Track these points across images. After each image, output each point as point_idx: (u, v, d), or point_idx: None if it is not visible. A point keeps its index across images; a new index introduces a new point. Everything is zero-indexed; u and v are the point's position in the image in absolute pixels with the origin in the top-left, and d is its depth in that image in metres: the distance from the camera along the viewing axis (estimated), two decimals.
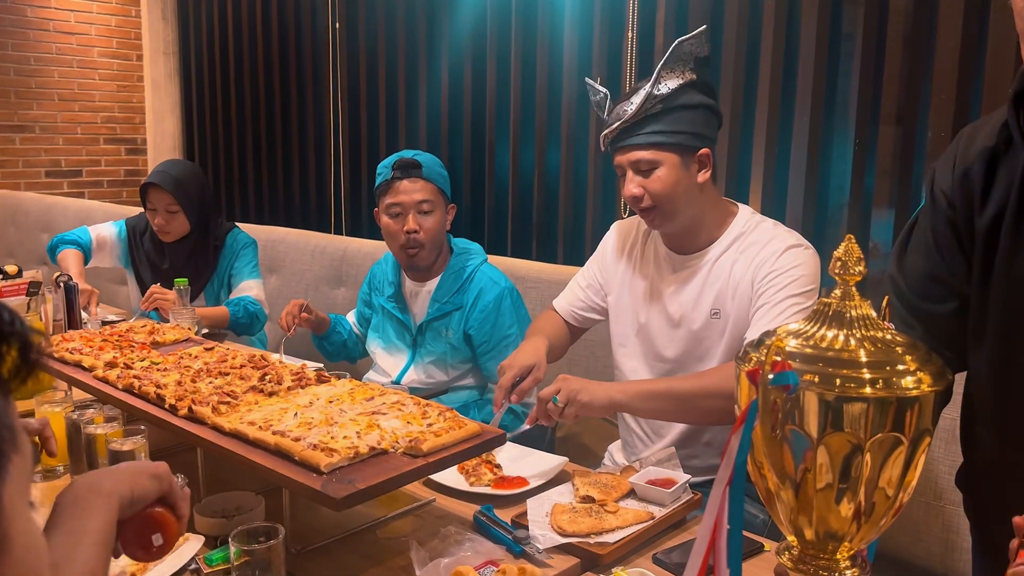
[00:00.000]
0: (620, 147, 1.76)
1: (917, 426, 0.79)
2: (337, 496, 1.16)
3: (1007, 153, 1.19)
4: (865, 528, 0.83)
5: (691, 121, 1.71)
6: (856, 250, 0.84)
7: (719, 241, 1.81)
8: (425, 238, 2.30)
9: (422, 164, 2.28)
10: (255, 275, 3.00)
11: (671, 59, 1.68)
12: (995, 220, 1.19)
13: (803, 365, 0.79)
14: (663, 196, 1.74)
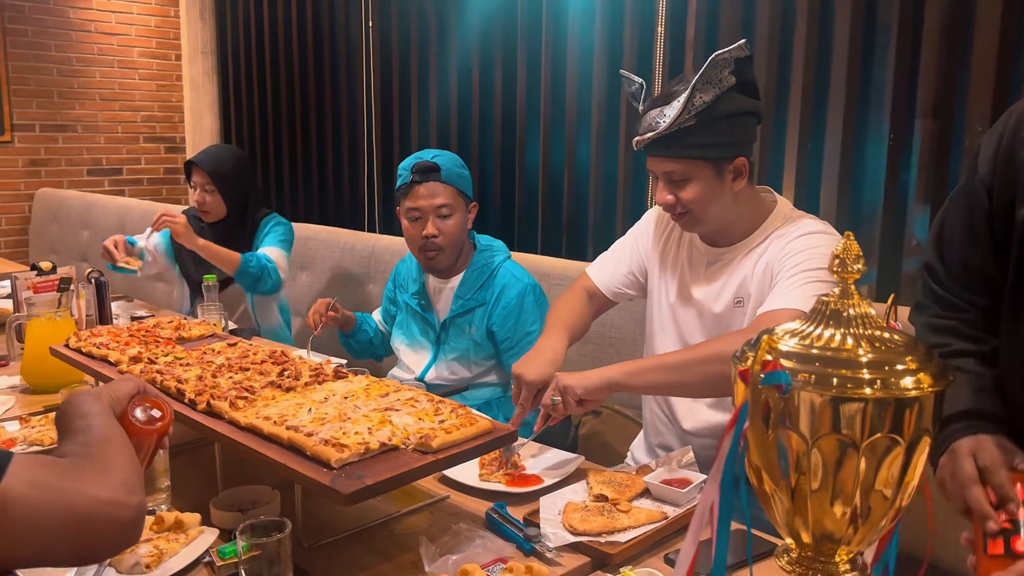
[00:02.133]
0: (654, 155, 1.72)
1: (916, 427, 0.76)
2: (345, 492, 1.16)
3: None
4: (863, 531, 0.80)
5: (727, 131, 1.66)
6: (855, 248, 0.82)
7: (753, 236, 1.78)
8: (444, 242, 2.30)
9: (440, 167, 2.27)
10: (279, 245, 3.02)
11: (707, 72, 1.60)
12: None
13: (799, 365, 0.77)
14: (695, 205, 1.72)
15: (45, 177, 5.43)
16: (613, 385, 1.65)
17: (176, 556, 1.31)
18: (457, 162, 2.35)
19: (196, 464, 1.68)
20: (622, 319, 2.43)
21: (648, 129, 1.68)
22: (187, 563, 1.29)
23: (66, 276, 2.58)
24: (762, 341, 0.78)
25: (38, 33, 5.24)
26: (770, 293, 1.67)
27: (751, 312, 1.73)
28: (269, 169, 5.13)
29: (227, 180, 2.98)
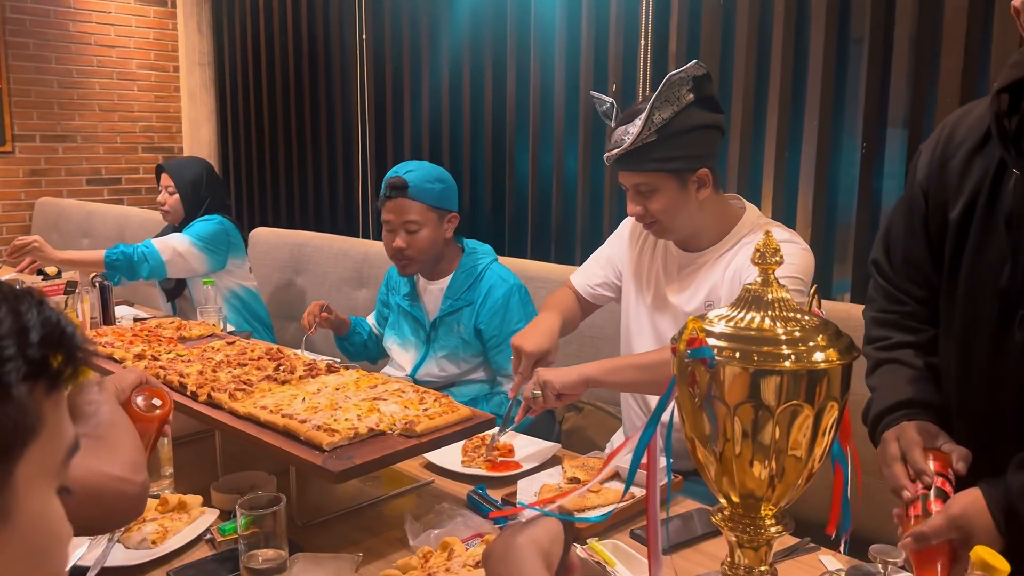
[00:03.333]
0: (620, 170, 1.84)
1: (826, 395, 0.87)
2: (335, 470, 1.27)
3: (987, 144, 1.25)
4: (780, 489, 0.91)
5: (687, 145, 1.77)
6: (773, 243, 0.93)
7: (723, 242, 1.89)
8: (412, 253, 2.41)
9: (408, 184, 2.36)
10: (187, 234, 3.19)
11: (664, 91, 1.71)
12: (967, 211, 1.25)
13: (727, 343, 0.88)
14: (662, 215, 1.83)
15: (45, 187, 5.53)
16: (590, 381, 1.77)
17: (179, 534, 1.41)
18: (430, 177, 2.42)
19: (197, 454, 1.78)
20: (604, 320, 2.54)
21: (615, 146, 1.80)
22: (189, 539, 1.40)
23: (72, 280, 2.69)
24: (689, 322, 0.89)
25: (39, 46, 5.35)
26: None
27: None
28: (266, 178, 5.22)
29: (185, 184, 3.28)
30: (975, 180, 1.25)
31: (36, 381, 0.53)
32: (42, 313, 0.55)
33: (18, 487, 0.53)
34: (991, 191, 1.22)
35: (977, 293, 1.24)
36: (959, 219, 1.26)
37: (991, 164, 1.23)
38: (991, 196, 1.22)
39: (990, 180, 1.22)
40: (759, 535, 0.95)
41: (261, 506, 1.24)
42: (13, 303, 0.54)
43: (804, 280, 1.78)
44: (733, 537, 0.96)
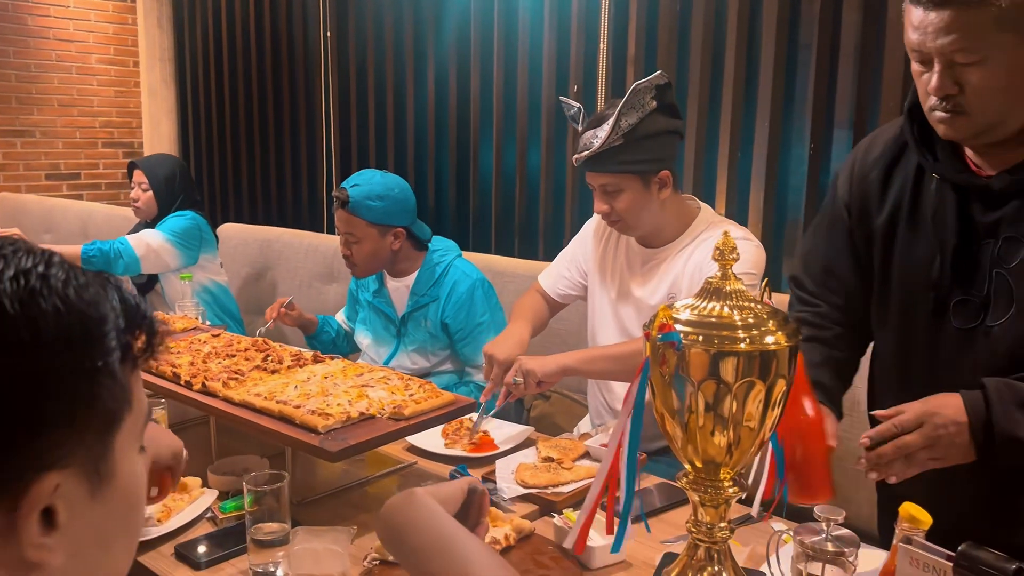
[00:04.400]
0: (588, 171, 1.98)
1: (776, 373, 1.01)
2: (333, 450, 1.38)
3: (902, 159, 1.41)
4: (736, 455, 1.06)
5: (651, 149, 1.93)
6: (731, 242, 1.08)
7: (681, 238, 2.05)
8: (356, 261, 2.52)
9: (349, 200, 2.44)
10: (160, 230, 3.26)
11: (631, 99, 1.87)
12: (892, 217, 1.41)
13: (692, 328, 1.02)
14: (627, 213, 1.98)
15: (4, 182, 5.49)
16: (567, 370, 1.93)
17: (182, 512, 1.51)
18: (372, 194, 2.46)
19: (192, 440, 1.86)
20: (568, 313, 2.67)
21: (584, 148, 1.94)
22: (192, 518, 1.50)
23: None
24: (660, 310, 1.02)
25: None
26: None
27: None
28: (228, 174, 5.24)
29: (159, 181, 3.34)
30: (896, 190, 1.40)
31: (126, 362, 0.61)
32: (124, 297, 0.62)
33: (116, 452, 0.61)
34: (913, 196, 1.37)
35: (910, 288, 1.39)
36: (885, 225, 1.41)
37: (908, 174, 1.38)
38: (913, 201, 1.37)
39: (910, 187, 1.37)
40: (719, 495, 1.09)
41: (266, 483, 1.34)
42: (110, 296, 0.61)
43: (756, 274, 1.94)
44: (696, 497, 1.10)
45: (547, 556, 1.36)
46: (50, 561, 0.56)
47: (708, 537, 1.11)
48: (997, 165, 1.28)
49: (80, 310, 0.58)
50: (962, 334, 1.31)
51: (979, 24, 1.15)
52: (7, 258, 0.57)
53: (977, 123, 1.23)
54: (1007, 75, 1.18)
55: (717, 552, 1.12)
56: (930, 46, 1.20)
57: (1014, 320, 1.26)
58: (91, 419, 0.58)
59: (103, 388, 0.59)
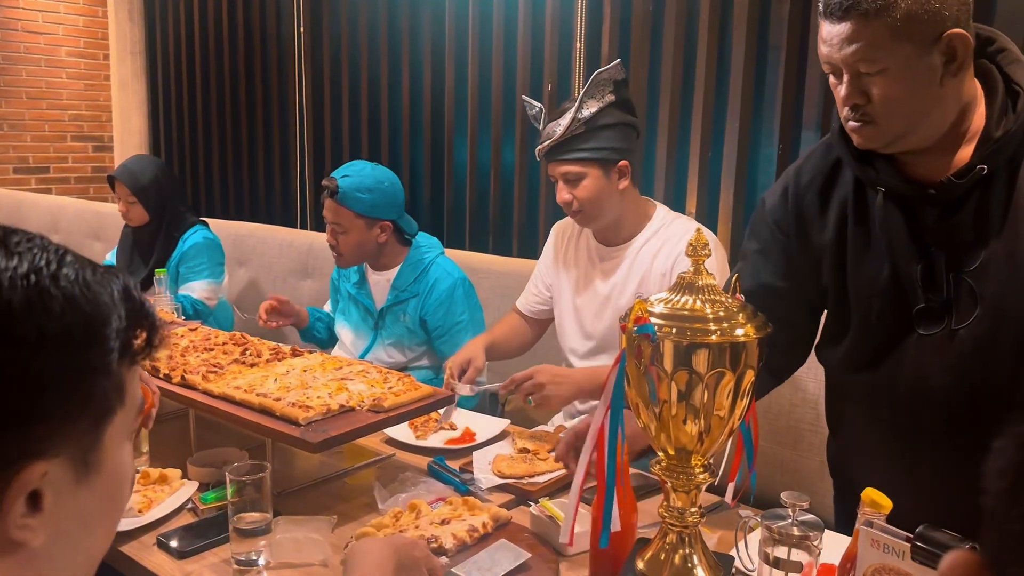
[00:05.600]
0: (551, 160, 2.04)
1: (744, 364, 1.06)
2: (314, 441, 1.41)
3: (836, 178, 1.44)
4: (707, 443, 1.10)
5: (610, 138, 2.00)
6: (703, 239, 1.12)
7: (640, 235, 2.12)
8: (342, 251, 2.54)
9: (339, 189, 2.46)
10: (203, 276, 3.20)
11: (591, 88, 1.96)
12: (839, 236, 1.43)
13: (666, 321, 1.06)
14: (589, 202, 2.03)
15: None
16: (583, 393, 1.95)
17: (163, 503, 1.53)
18: (362, 186, 2.48)
19: (170, 433, 1.89)
20: None
21: (547, 138, 2.02)
22: (173, 508, 1.52)
23: None
24: (636, 304, 1.06)
25: None
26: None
27: None
28: (199, 169, 5.22)
29: (146, 191, 3.20)
30: (836, 209, 1.43)
31: (124, 359, 0.64)
32: (128, 295, 0.65)
33: (106, 444, 0.64)
34: (857, 213, 1.41)
35: (869, 301, 1.42)
36: (833, 244, 1.43)
37: (847, 192, 1.42)
38: (859, 217, 1.41)
39: (852, 204, 1.41)
40: (690, 481, 1.14)
41: (248, 473, 1.37)
42: (112, 292, 0.64)
43: (718, 272, 2.00)
44: (669, 483, 1.14)
45: (524, 543, 1.40)
46: (31, 541, 0.59)
47: (680, 522, 1.15)
48: (939, 171, 1.32)
49: (85, 312, 0.60)
50: (928, 340, 1.35)
51: (877, 35, 1.21)
52: (22, 254, 0.59)
53: (886, 132, 1.29)
54: (908, 84, 1.24)
55: (688, 536, 1.16)
56: (836, 57, 1.26)
57: (980, 321, 1.29)
58: (84, 413, 0.61)
59: (98, 385, 0.62)
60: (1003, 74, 1.33)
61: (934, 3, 1.20)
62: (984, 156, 1.27)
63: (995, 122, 1.29)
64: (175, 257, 3.20)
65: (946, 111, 1.29)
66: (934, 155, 1.32)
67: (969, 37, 1.24)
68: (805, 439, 2.15)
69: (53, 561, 0.61)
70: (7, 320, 0.56)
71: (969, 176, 1.27)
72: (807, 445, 2.15)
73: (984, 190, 1.29)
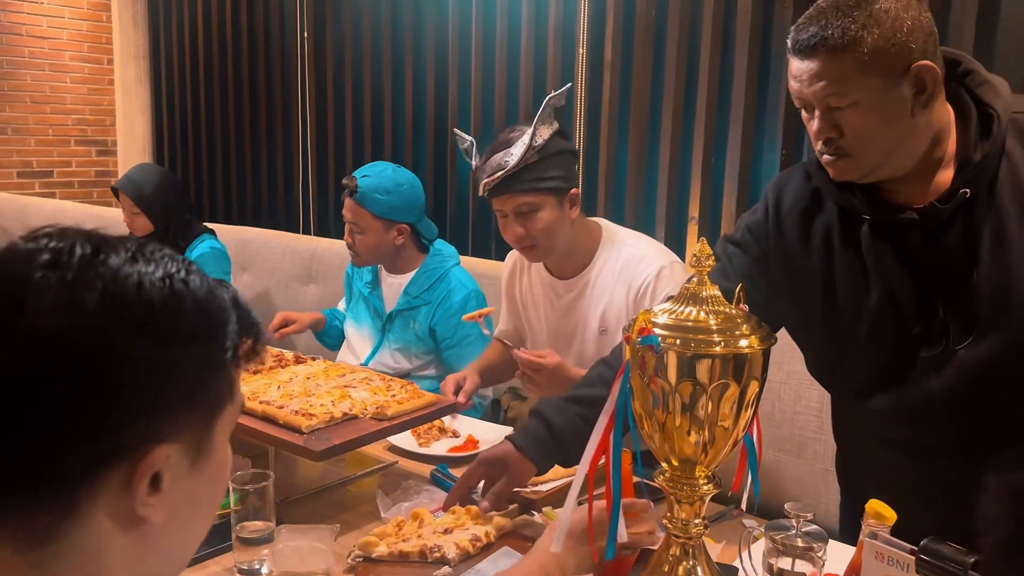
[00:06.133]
0: (504, 193, 1.95)
1: (748, 375, 1.06)
2: (317, 449, 1.41)
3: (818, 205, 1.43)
4: (711, 454, 1.10)
5: (560, 166, 1.96)
6: (707, 249, 1.12)
7: (593, 263, 2.07)
8: (359, 251, 2.52)
9: (358, 188, 2.45)
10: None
11: (544, 114, 1.91)
12: (826, 267, 1.42)
13: (669, 332, 1.06)
14: (544, 234, 1.97)
15: None
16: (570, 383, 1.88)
17: None
18: (381, 187, 2.47)
19: None
20: None
21: (497, 169, 1.93)
22: None
23: None
24: (640, 314, 1.06)
25: None
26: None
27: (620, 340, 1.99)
28: (203, 173, 5.22)
29: (150, 201, 3.18)
30: (820, 237, 1.43)
31: (234, 359, 0.72)
32: (238, 305, 0.73)
33: (216, 435, 0.71)
34: (844, 241, 1.40)
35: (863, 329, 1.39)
36: (821, 268, 1.42)
37: (831, 220, 1.42)
38: (845, 245, 1.40)
39: (838, 233, 1.41)
40: (694, 492, 1.13)
41: (251, 482, 1.37)
42: (227, 298, 0.71)
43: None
44: (673, 495, 1.14)
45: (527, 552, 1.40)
46: (152, 518, 0.66)
47: (683, 533, 1.15)
48: (919, 196, 1.32)
49: (210, 312, 0.69)
50: (929, 361, 1.34)
51: (845, 70, 1.22)
52: (156, 261, 0.67)
53: (861, 164, 1.29)
54: (879, 117, 1.25)
55: (692, 548, 1.16)
56: (807, 92, 1.26)
57: (979, 341, 1.29)
58: (204, 404, 0.69)
59: (217, 379, 0.70)
60: (972, 96, 1.34)
61: (900, 36, 1.21)
62: (967, 180, 1.28)
63: (973, 146, 1.30)
64: None
65: (919, 140, 1.30)
66: (912, 182, 1.33)
67: (937, 69, 1.25)
68: (809, 446, 2.15)
69: (167, 537, 0.69)
70: (150, 316, 0.64)
71: (953, 200, 1.28)
72: (811, 453, 2.14)
73: (967, 213, 1.30)
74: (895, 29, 1.21)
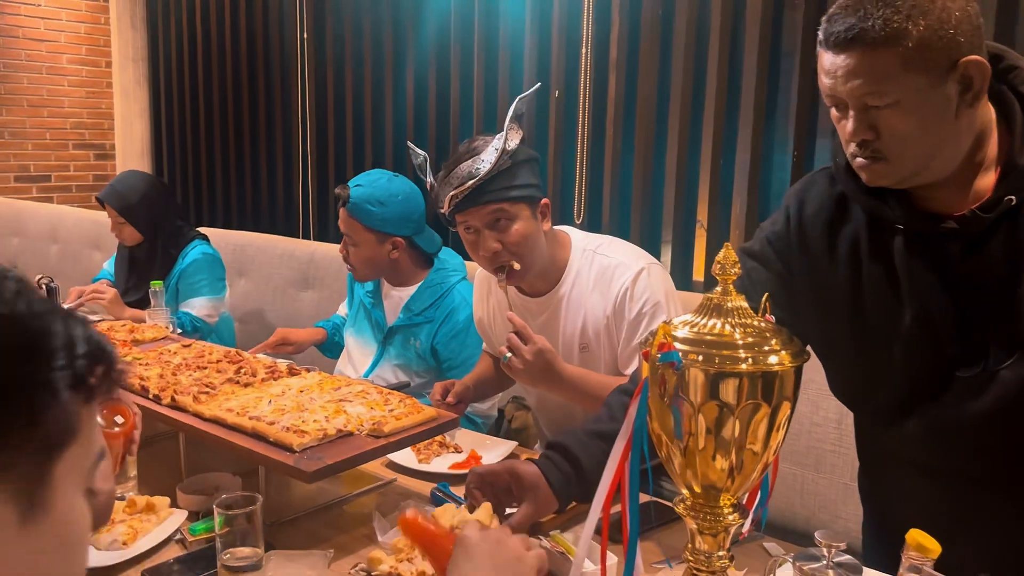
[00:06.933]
0: (475, 205, 1.79)
1: (780, 395, 0.96)
2: (308, 470, 1.32)
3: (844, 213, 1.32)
4: (739, 481, 1.00)
5: (531, 174, 1.83)
6: (732, 256, 1.02)
7: (565, 277, 1.93)
8: (354, 263, 2.42)
9: (351, 198, 2.33)
10: (201, 293, 3.09)
11: (515, 116, 1.76)
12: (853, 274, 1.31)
13: (690, 347, 0.97)
14: (521, 247, 1.81)
15: None
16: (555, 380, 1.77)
17: (149, 535, 1.43)
18: (374, 198, 2.34)
19: (160, 456, 1.79)
20: None
21: (467, 178, 1.76)
22: (160, 540, 1.43)
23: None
24: (659, 328, 0.97)
25: None
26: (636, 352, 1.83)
27: (604, 356, 1.90)
28: (202, 177, 5.16)
29: (135, 210, 3.07)
30: (847, 247, 1.32)
31: (78, 391, 0.59)
32: (87, 332, 0.61)
33: (56, 483, 0.58)
34: (873, 252, 1.29)
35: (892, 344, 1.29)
36: (848, 282, 1.32)
37: (859, 229, 1.30)
38: (875, 256, 1.28)
39: (867, 243, 1.29)
40: (718, 523, 1.04)
41: (238, 506, 1.28)
42: (66, 321, 0.60)
43: (672, 294, 1.87)
44: (695, 524, 1.05)
45: None
46: None
47: (707, 566, 1.05)
48: (957, 203, 1.22)
49: (26, 323, 0.58)
50: (965, 383, 1.24)
51: (886, 66, 1.11)
52: None
53: (898, 169, 1.18)
54: (921, 118, 1.14)
55: None
56: (840, 90, 1.15)
57: (1022, 361, 1.19)
58: (29, 438, 0.56)
59: (45, 407, 0.57)
60: (1017, 94, 1.23)
61: (948, 28, 1.10)
62: (1012, 186, 1.17)
63: (1018, 149, 1.19)
64: (174, 275, 3.10)
65: (961, 142, 1.19)
66: (950, 187, 1.22)
67: (986, 64, 1.14)
68: (827, 460, 2.06)
69: None
70: None
71: (997, 208, 1.17)
72: (829, 467, 2.05)
73: (1012, 222, 1.18)
74: (943, 20, 1.10)
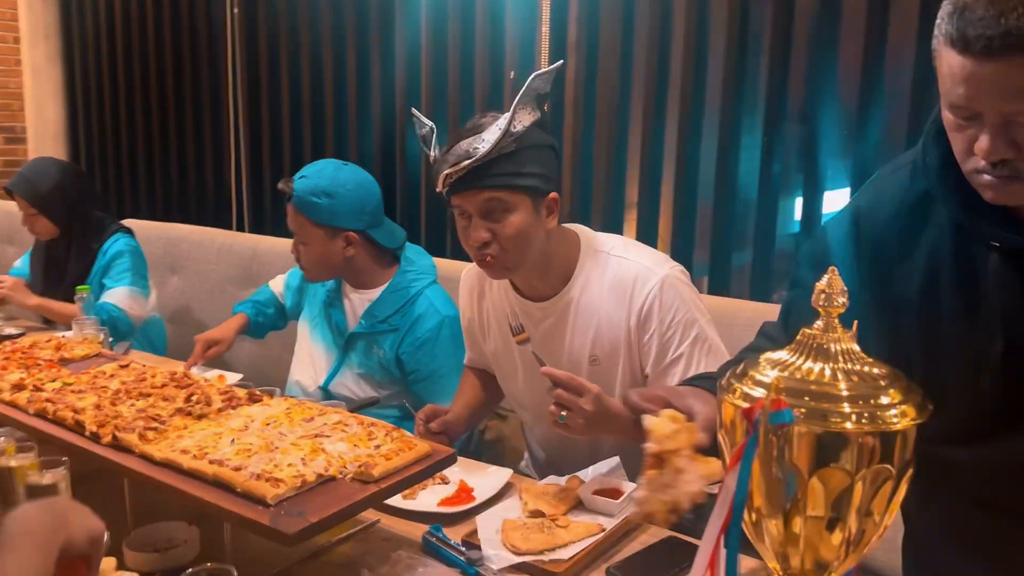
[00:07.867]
0: (469, 188, 1.63)
1: (902, 457, 0.80)
2: (289, 531, 1.12)
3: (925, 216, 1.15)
4: (853, 555, 0.85)
5: (541, 162, 1.64)
6: (839, 282, 0.84)
7: (574, 280, 1.75)
8: (305, 264, 2.23)
9: (295, 192, 2.12)
10: (123, 283, 2.86)
11: (526, 95, 1.58)
12: (930, 288, 1.15)
13: (789, 399, 0.80)
14: (513, 242, 1.64)
15: None
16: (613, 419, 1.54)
17: None
18: (318, 189, 2.13)
19: (101, 499, 1.55)
20: None
21: (464, 157, 1.59)
22: None
23: None
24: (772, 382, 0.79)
25: None
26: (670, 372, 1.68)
27: (621, 374, 1.73)
28: (123, 163, 4.84)
29: (47, 200, 2.83)
30: (927, 254, 1.15)
31: None
32: None
33: None
34: (956, 266, 1.12)
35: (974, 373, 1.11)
36: (923, 297, 1.15)
37: (941, 236, 1.14)
38: (958, 271, 1.12)
39: (951, 254, 1.13)
40: None
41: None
42: None
43: (698, 301, 1.73)
44: None
45: None
46: None
47: None
48: None
49: None
50: None
51: None
52: None
53: None
54: None
55: None
56: (985, 103, 0.96)
57: None
58: None
59: None
60: None
61: None
62: None
63: None
64: (96, 271, 2.83)
65: None
66: None
67: None
68: None
69: None
70: None
71: None
72: None
73: None
74: None
